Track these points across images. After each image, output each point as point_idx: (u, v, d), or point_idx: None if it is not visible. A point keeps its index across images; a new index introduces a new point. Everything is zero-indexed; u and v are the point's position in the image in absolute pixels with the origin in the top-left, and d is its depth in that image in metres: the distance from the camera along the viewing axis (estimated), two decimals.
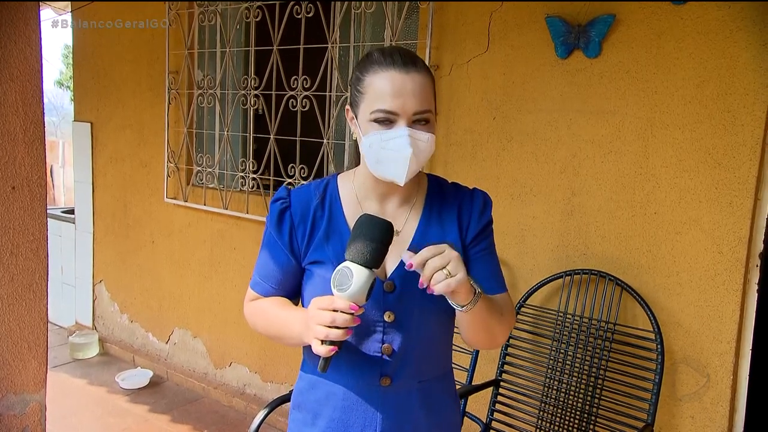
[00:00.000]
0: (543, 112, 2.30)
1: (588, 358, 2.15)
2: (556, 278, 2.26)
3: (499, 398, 2.30)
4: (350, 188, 1.20)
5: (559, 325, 2.24)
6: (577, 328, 2.21)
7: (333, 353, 1.01)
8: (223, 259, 3.44)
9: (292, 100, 2.96)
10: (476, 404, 2.42)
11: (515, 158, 2.38)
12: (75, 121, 4.23)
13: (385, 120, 1.07)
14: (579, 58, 2.20)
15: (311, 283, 1.17)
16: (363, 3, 2.74)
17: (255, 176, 3.21)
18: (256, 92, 3.17)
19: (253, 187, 3.23)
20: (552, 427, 2.18)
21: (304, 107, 2.94)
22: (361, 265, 1.00)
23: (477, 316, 1.06)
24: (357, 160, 1.22)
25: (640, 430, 1.94)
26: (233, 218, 3.35)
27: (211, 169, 3.44)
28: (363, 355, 1.13)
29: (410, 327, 1.13)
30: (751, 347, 1.99)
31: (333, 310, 1.00)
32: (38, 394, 1.25)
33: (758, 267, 1.96)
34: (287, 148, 3.10)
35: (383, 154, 1.08)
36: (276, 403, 1.86)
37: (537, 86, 2.31)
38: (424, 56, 2.53)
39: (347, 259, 1.02)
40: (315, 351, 1.01)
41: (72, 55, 4.30)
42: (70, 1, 4.16)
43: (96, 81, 4.03)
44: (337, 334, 0.99)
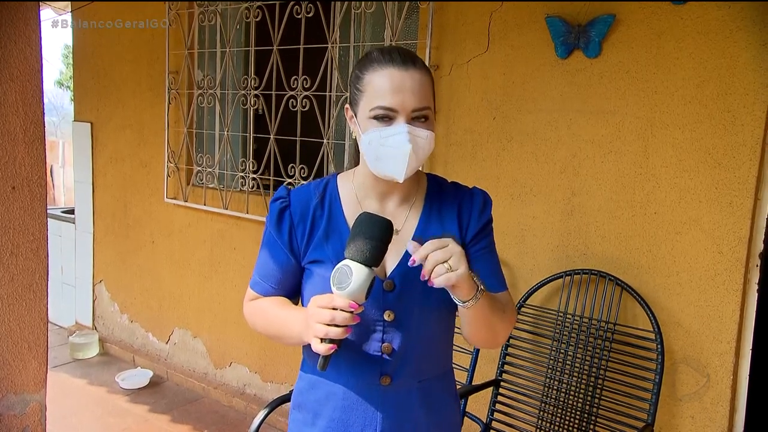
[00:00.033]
0: (543, 112, 2.30)
1: (588, 358, 2.15)
2: (556, 278, 2.26)
3: (499, 398, 2.30)
4: (350, 188, 1.20)
5: (559, 325, 2.24)
6: (577, 328, 2.21)
7: (332, 352, 1.01)
8: (223, 259, 3.44)
9: (292, 100, 2.96)
10: (476, 404, 2.42)
11: (515, 158, 2.38)
12: (75, 121, 4.23)
13: (385, 117, 1.07)
14: (579, 58, 2.20)
15: (311, 283, 1.17)
16: (363, 3, 2.74)
17: (255, 176, 3.21)
18: (256, 92, 3.17)
19: (253, 187, 3.23)
20: (552, 427, 2.18)
21: (304, 107, 2.94)
22: (360, 263, 1.00)
23: (479, 312, 1.06)
24: (357, 159, 1.22)
25: (640, 430, 1.94)
26: (233, 218, 3.35)
27: (211, 169, 3.44)
28: (363, 354, 1.13)
29: (410, 326, 1.13)
30: (751, 347, 1.99)
31: (332, 309, 1.00)
32: (38, 394, 1.25)
33: (758, 267, 1.96)
34: (287, 148, 3.10)
35: (382, 150, 1.08)
36: (276, 403, 1.86)
37: (537, 86, 2.31)
38: (424, 56, 2.53)
39: (347, 258, 1.02)
40: (314, 349, 1.01)
41: (72, 55, 4.30)
42: (70, 1, 4.16)
43: (96, 81, 4.03)
44: (336, 332, 0.99)
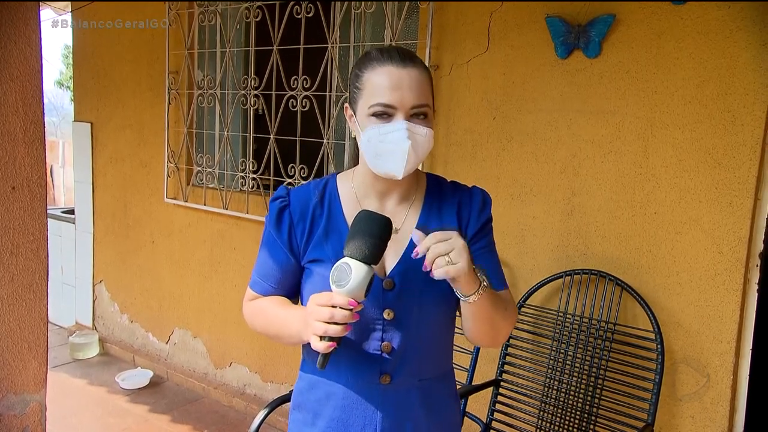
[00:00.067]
0: (543, 112, 2.30)
1: (588, 358, 2.15)
2: (556, 278, 2.26)
3: (499, 398, 2.30)
4: (349, 187, 1.21)
5: (559, 325, 2.24)
6: (577, 328, 2.21)
7: (332, 350, 1.01)
8: (223, 259, 3.44)
9: (292, 100, 2.96)
10: (476, 404, 2.42)
11: (515, 158, 2.38)
12: (75, 121, 4.23)
13: (383, 114, 1.08)
14: (579, 58, 2.20)
15: (310, 282, 1.17)
16: (363, 3, 2.74)
17: (255, 176, 3.21)
18: (256, 92, 3.17)
19: (253, 187, 3.23)
20: (552, 427, 2.18)
21: (304, 107, 2.94)
22: (359, 260, 1.00)
23: (481, 308, 1.06)
24: (356, 159, 1.22)
25: (640, 430, 1.94)
26: (233, 218, 3.35)
27: (211, 169, 3.44)
28: (362, 353, 1.13)
29: (410, 325, 1.13)
30: (751, 347, 1.99)
31: (332, 306, 1.00)
32: (38, 394, 1.25)
33: (758, 267, 1.96)
34: (287, 148, 3.10)
35: (382, 147, 1.08)
36: (276, 403, 1.86)
37: (537, 86, 2.31)
38: (424, 56, 2.53)
39: (346, 255, 1.02)
40: (314, 347, 1.01)
41: (72, 55, 4.30)
42: (70, 1, 4.16)
43: (96, 81, 4.03)
44: (336, 330, 0.99)
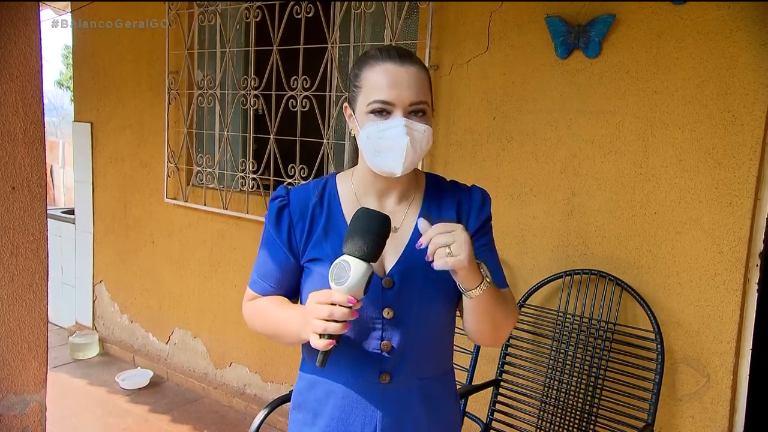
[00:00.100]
0: (543, 112, 2.30)
1: (588, 358, 2.15)
2: (556, 278, 2.26)
3: (499, 398, 2.30)
4: (349, 186, 1.21)
5: (559, 325, 2.24)
6: (577, 328, 2.21)
7: (331, 347, 1.01)
8: (223, 259, 3.44)
9: (292, 100, 2.96)
10: (476, 404, 2.42)
11: (515, 158, 2.38)
12: (75, 121, 4.23)
13: (382, 111, 1.08)
14: (579, 58, 2.20)
15: (310, 281, 1.17)
16: (363, 3, 2.74)
17: (255, 176, 3.21)
18: (256, 92, 3.17)
19: (253, 188, 3.23)
20: (552, 427, 2.18)
21: (304, 107, 2.94)
22: (358, 258, 1.00)
23: (483, 304, 1.06)
24: (356, 159, 1.22)
25: (640, 430, 1.94)
26: (233, 218, 3.35)
27: (211, 170, 3.44)
28: (362, 352, 1.13)
29: (409, 324, 1.14)
30: (751, 347, 1.99)
31: (331, 304, 1.00)
32: (38, 395, 1.25)
33: (758, 267, 1.96)
34: (287, 148, 3.10)
35: (380, 144, 1.08)
36: (276, 403, 1.86)
37: (537, 86, 2.31)
38: (424, 56, 2.53)
39: (344, 253, 1.02)
40: (313, 345, 1.01)
41: (72, 55, 4.30)
42: (70, 1, 4.16)
43: (96, 81, 4.03)
44: (335, 327, 0.99)
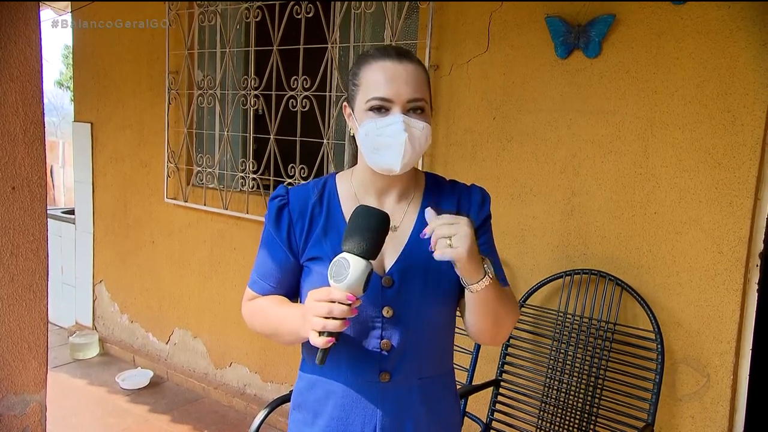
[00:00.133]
0: (543, 112, 2.30)
1: (588, 358, 2.15)
2: (556, 278, 2.26)
3: (499, 398, 2.30)
4: (348, 185, 1.21)
5: (559, 325, 2.24)
6: (577, 328, 2.21)
7: (331, 345, 1.01)
8: (223, 259, 3.44)
9: (292, 100, 2.96)
10: (476, 404, 2.42)
11: (515, 158, 2.38)
12: (75, 121, 4.23)
13: (380, 108, 1.09)
14: (579, 58, 2.20)
15: (309, 280, 1.17)
16: (363, 3, 2.74)
17: (255, 176, 3.21)
18: (256, 92, 3.17)
19: (253, 188, 3.23)
20: (552, 427, 2.18)
21: (304, 107, 2.94)
22: (357, 255, 1.00)
23: (485, 299, 1.06)
24: (355, 159, 1.23)
25: (640, 430, 1.94)
26: (233, 218, 3.35)
27: (211, 170, 3.44)
28: (362, 351, 1.13)
29: (409, 322, 1.14)
30: (751, 347, 1.99)
31: (330, 301, 1.00)
32: (38, 395, 1.25)
33: (758, 267, 1.96)
34: (287, 148, 3.10)
35: (379, 141, 1.09)
36: (276, 403, 1.86)
37: (537, 86, 2.31)
38: (424, 56, 2.53)
39: (344, 250, 1.02)
40: (313, 343, 1.01)
41: (72, 55, 4.30)
42: (70, 1, 4.16)
43: (96, 81, 4.03)
44: (334, 324, 0.99)
